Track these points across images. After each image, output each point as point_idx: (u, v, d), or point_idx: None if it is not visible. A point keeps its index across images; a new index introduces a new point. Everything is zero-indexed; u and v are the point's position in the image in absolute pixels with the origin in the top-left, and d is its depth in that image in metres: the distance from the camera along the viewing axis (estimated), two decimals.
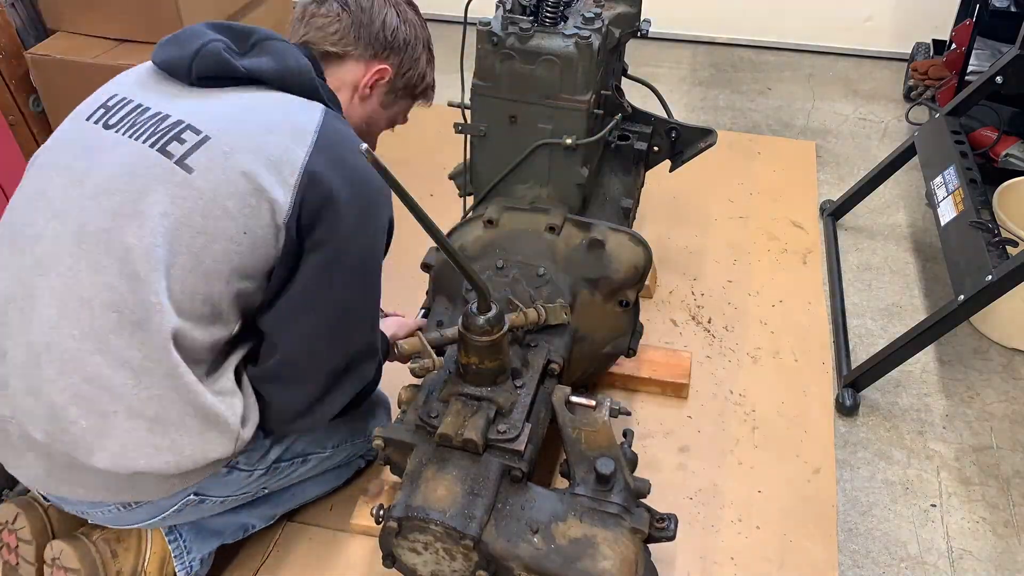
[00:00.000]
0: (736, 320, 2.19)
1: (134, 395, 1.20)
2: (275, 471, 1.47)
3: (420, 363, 1.35)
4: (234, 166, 1.22)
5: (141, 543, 1.45)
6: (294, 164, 1.24)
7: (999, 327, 2.14)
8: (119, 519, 1.37)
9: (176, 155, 1.22)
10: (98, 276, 1.19)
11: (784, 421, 1.92)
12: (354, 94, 1.48)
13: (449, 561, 1.28)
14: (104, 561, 1.40)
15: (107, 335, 1.18)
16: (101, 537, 1.43)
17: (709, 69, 3.49)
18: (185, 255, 1.20)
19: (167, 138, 1.23)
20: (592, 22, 1.56)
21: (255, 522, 1.59)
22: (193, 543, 1.48)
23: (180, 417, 1.23)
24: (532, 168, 1.64)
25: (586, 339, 1.64)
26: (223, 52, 1.29)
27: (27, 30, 2.62)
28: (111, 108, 1.31)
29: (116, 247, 1.19)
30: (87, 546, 1.40)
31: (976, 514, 1.75)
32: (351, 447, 1.64)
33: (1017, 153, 2.55)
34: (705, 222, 2.54)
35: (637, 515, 1.29)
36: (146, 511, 1.35)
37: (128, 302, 1.18)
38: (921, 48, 3.22)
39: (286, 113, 1.30)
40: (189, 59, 1.28)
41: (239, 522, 1.56)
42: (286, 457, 1.48)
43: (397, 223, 1.42)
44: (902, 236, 2.54)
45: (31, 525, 1.44)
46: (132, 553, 1.44)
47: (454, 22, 3.85)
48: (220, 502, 1.42)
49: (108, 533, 1.44)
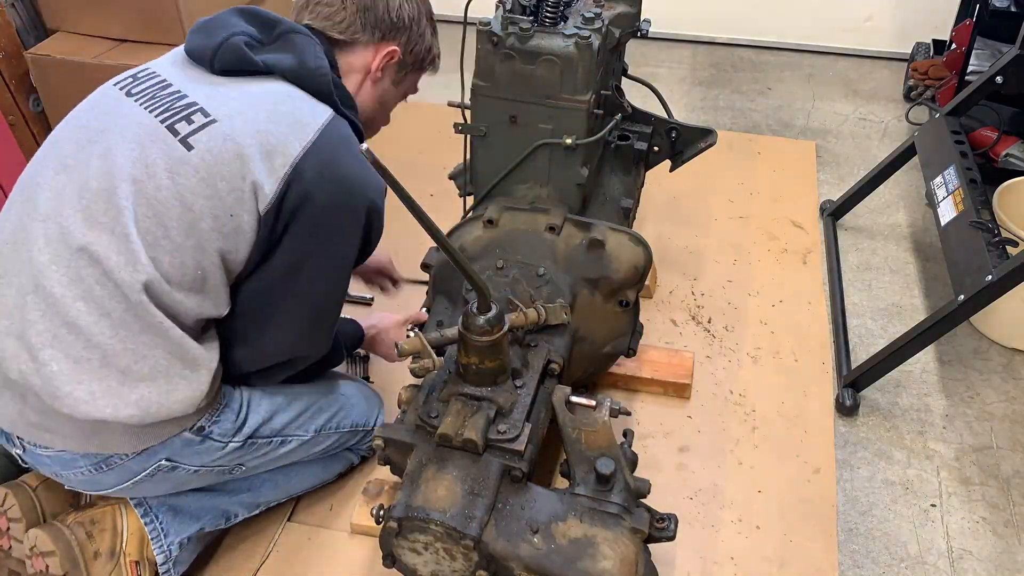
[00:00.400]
0: (736, 320, 2.19)
1: (109, 345, 1.25)
2: (251, 446, 1.48)
3: (420, 363, 1.35)
4: (231, 149, 1.27)
5: (116, 523, 1.46)
6: (287, 156, 1.29)
7: (999, 327, 2.14)
8: (92, 481, 1.39)
9: (182, 133, 1.28)
10: (91, 230, 1.24)
11: (784, 421, 1.92)
12: (365, 78, 1.50)
13: (449, 561, 1.28)
14: (80, 542, 1.42)
15: (92, 284, 1.24)
16: (75, 520, 1.44)
17: (709, 69, 3.49)
18: (176, 227, 1.26)
19: (178, 116, 1.30)
20: (592, 22, 1.56)
21: (237, 510, 1.59)
22: (170, 525, 1.49)
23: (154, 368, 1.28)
24: (532, 168, 1.64)
25: (586, 339, 1.64)
26: (244, 47, 1.34)
27: (27, 30, 2.62)
28: (139, 78, 1.39)
29: (113, 207, 1.25)
30: (60, 530, 1.42)
31: (976, 514, 1.75)
32: (336, 435, 1.63)
33: (1017, 153, 2.55)
34: (705, 222, 2.54)
35: (637, 515, 1.29)
36: (118, 474, 1.37)
37: (115, 260, 1.24)
38: (921, 48, 3.22)
39: (294, 108, 1.34)
40: (213, 51, 1.35)
41: (219, 508, 1.56)
42: (263, 433, 1.49)
43: (397, 223, 1.42)
44: (902, 236, 2.54)
45: (20, 503, 1.47)
46: (108, 533, 1.45)
47: (454, 22, 3.85)
48: (193, 471, 1.43)
49: (81, 516, 1.45)
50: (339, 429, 1.63)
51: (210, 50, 1.35)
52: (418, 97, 1.73)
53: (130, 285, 1.24)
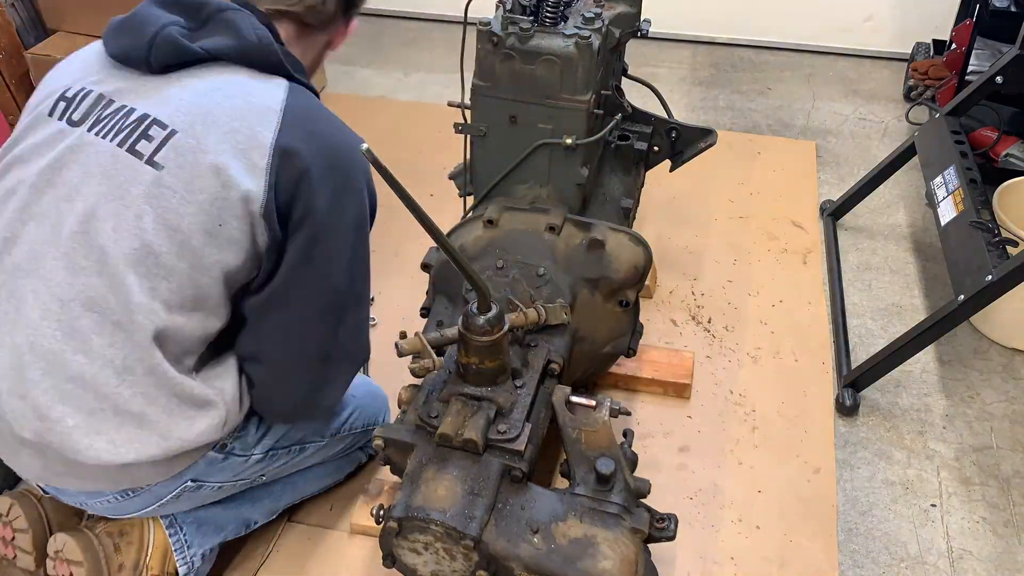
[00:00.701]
0: (736, 320, 2.19)
1: (118, 393, 1.21)
2: (272, 457, 1.47)
3: (420, 363, 1.35)
4: (202, 160, 1.20)
5: (143, 537, 1.46)
6: (263, 146, 1.22)
7: (999, 327, 2.14)
8: (117, 508, 1.38)
9: (146, 154, 1.20)
10: (76, 277, 1.19)
11: (784, 421, 1.92)
12: (324, 49, 1.45)
13: (449, 561, 1.28)
14: (107, 554, 1.41)
15: (89, 335, 1.19)
16: (104, 531, 1.44)
17: (709, 69, 3.49)
18: (166, 252, 1.20)
19: (135, 136, 1.21)
20: (592, 22, 1.56)
21: (257, 517, 1.59)
22: (194, 537, 1.48)
23: (167, 408, 1.24)
24: (532, 168, 1.64)
25: (586, 339, 1.64)
26: (179, 37, 1.24)
27: (27, 30, 2.62)
28: (71, 100, 1.27)
29: (93, 249, 1.19)
30: (90, 539, 1.41)
31: (976, 514, 1.75)
32: (350, 437, 1.64)
33: (1017, 153, 2.55)
34: (705, 222, 2.54)
35: (637, 515, 1.29)
36: (144, 499, 1.36)
37: (109, 302, 1.19)
38: (921, 48, 3.21)
39: (248, 96, 1.25)
40: (146, 49, 1.23)
41: (241, 517, 1.56)
42: (283, 444, 1.48)
43: (397, 223, 1.42)
44: (902, 236, 2.54)
45: (26, 514, 1.46)
46: (135, 547, 1.44)
47: (454, 22, 3.86)
48: (218, 488, 1.42)
49: (111, 527, 1.45)
50: (352, 431, 1.63)
51: (143, 48, 1.23)
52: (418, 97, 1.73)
53: (128, 326, 1.19)
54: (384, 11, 3.88)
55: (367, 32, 3.61)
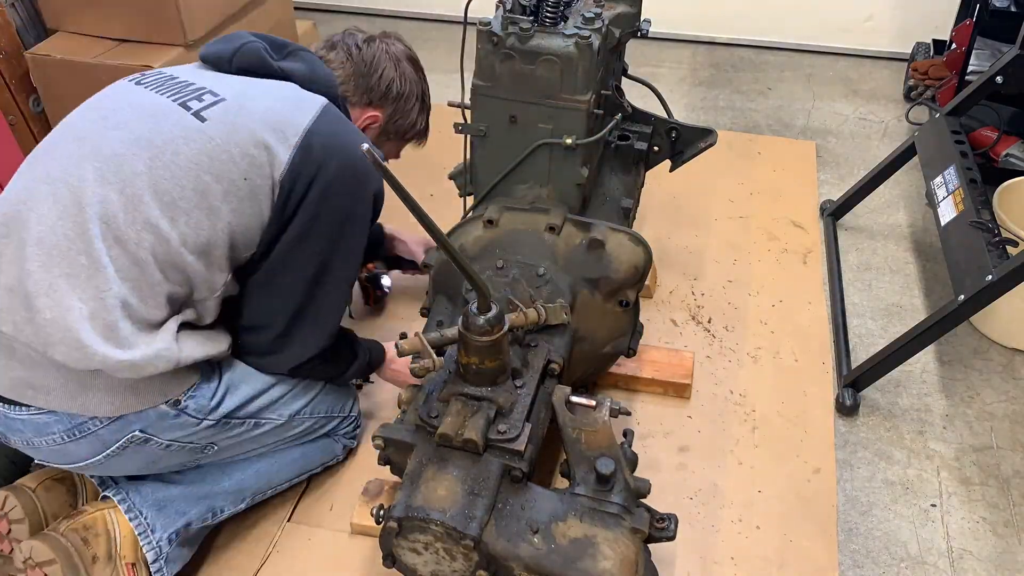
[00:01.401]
0: (736, 320, 2.19)
1: (102, 298, 1.28)
2: (225, 426, 1.49)
3: (420, 363, 1.35)
4: (243, 122, 1.38)
5: (108, 527, 1.46)
6: (297, 127, 1.41)
7: (999, 327, 2.14)
8: (63, 452, 1.40)
9: (193, 108, 1.39)
10: (101, 188, 1.30)
11: (784, 421, 1.92)
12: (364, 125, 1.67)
13: (449, 561, 1.28)
14: (78, 549, 1.42)
15: (93, 240, 1.28)
16: (69, 528, 1.44)
17: (709, 69, 3.49)
18: (191, 191, 1.34)
19: (188, 96, 1.41)
20: (592, 22, 1.56)
21: (222, 503, 1.59)
22: (156, 520, 1.49)
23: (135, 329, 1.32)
24: (532, 168, 1.64)
25: (586, 339, 1.64)
26: (263, 51, 1.50)
27: (27, 30, 2.62)
28: (148, 76, 1.50)
29: (125, 169, 1.32)
30: (56, 538, 1.41)
31: (976, 514, 1.75)
32: (311, 419, 1.64)
33: (1017, 153, 2.55)
34: (705, 222, 2.54)
35: (637, 515, 1.29)
36: (89, 444, 1.38)
37: (119, 219, 1.30)
38: (921, 48, 3.22)
39: (295, 94, 1.49)
40: (231, 52, 1.49)
41: (203, 500, 1.56)
42: (238, 415, 1.50)
43: (397, 223, 1.42)
44: (902, 236, 2.54)
45: (22, 504, 1.47)
46: (103, 538, 1.45)
47: (454, 22, 3.86)
48: (165, 446, 1.44)
49: (74, 523, 1.44)
50: (313, 414, 1.65)
51: (229, 52, 1.48)
52: None
53: (136, 242, 1.30)
54: (384, 11, 3.88)
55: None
